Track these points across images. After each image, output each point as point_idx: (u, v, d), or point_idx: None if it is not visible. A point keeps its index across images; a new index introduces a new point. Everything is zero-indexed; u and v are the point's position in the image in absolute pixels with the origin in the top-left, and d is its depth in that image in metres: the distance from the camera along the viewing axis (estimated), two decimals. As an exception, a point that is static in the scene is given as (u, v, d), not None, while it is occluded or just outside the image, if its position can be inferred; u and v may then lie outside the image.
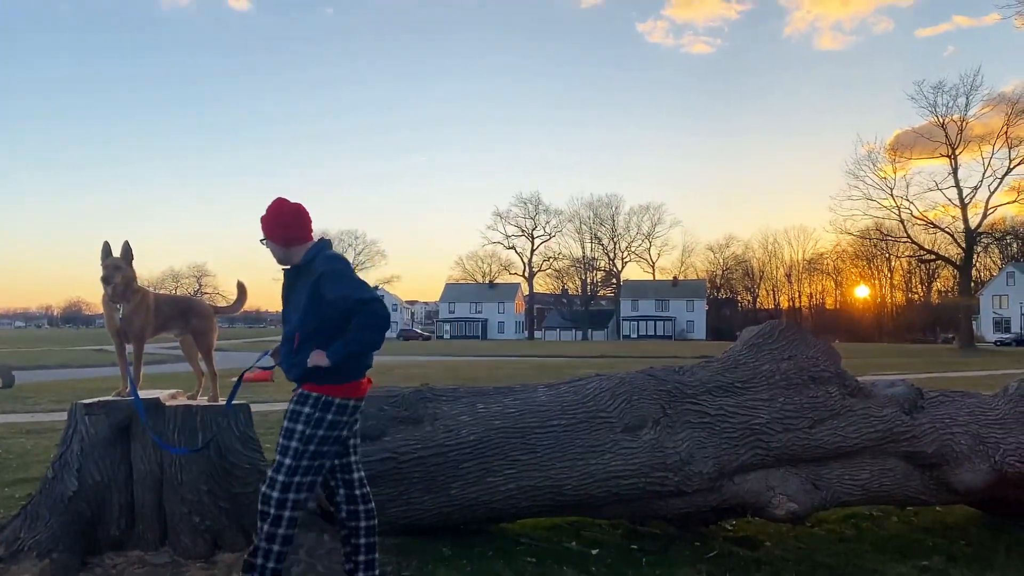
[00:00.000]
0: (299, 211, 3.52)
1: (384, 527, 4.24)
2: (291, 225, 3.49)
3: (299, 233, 3.50)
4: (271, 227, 3.49)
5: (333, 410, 3.32)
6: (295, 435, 3.32)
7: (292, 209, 3.51)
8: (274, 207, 3.50)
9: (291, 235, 3.49)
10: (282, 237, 3.48)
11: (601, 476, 4.38)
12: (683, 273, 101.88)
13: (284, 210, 3.49)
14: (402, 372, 22.13)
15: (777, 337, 4.95)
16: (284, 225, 3.48)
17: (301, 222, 3.52)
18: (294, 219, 3.50)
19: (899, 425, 4.78)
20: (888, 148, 55.51)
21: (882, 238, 61.93)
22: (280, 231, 3.48)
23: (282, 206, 3.50)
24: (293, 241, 3.49)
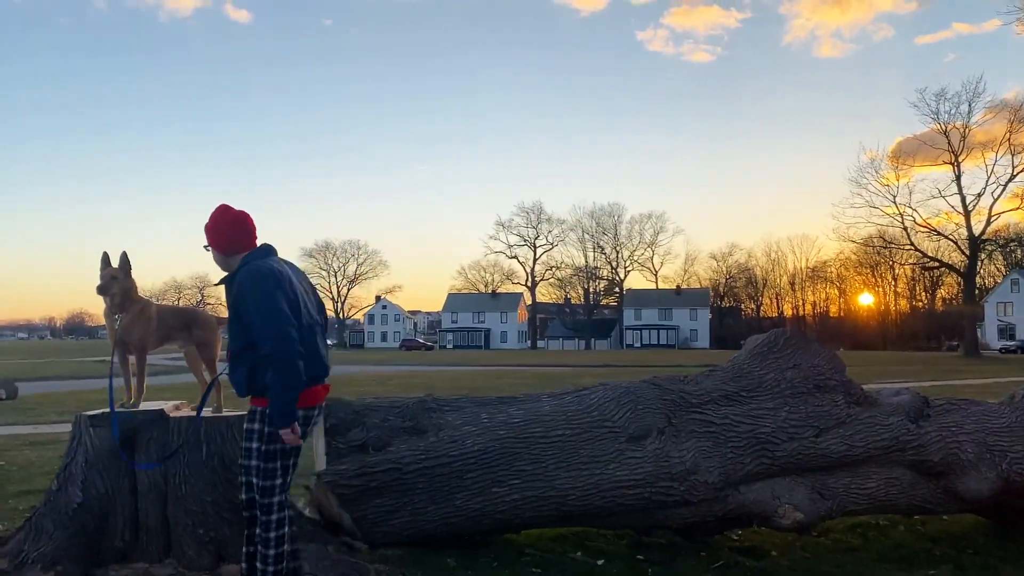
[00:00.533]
0: (240, 218, 3.49)
1: (389, 538, 4.24)
2: (230, 233, 3.46)
3: (239, 242, 3.46)
4: (211, 233, 3.47)
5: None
6: (252, 454, 3.32)
7: (234, 216, 3.48)
8: (216, 213, 3.49)
9: (230, 243, 3.46)
10: (221, 244, 3.47)
11: (606, 486, 4.37)
12: (686, 282, 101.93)
13: (226, 217, 3.48)
14: (404, 382, 22.11)
15: (782, 346, 4.94)
16: (221, 232, 3.46)
17: (242, 230, 3.48)
18: (233, 227, 3.47)
19: (905, 434, 4.77)
20: (890, 155, 55.49)
21: (885, 246, 61.81)
22: (219, 238, 3.47)
23: (225, 213, 3.48)
24: (232, 249, 3.46)
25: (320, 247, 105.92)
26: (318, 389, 3.41)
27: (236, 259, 3.44)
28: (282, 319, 3.18)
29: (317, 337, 3.41)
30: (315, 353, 3.36)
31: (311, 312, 3.43)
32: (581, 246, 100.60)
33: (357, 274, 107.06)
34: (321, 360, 3.40)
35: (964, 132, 51.33)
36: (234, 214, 3.48)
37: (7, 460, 7.79)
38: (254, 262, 3.35)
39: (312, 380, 3.34)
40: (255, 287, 3.23)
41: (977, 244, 53.57)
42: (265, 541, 3.33)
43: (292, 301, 3.29)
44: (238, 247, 3.46)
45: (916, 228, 54.21)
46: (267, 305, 3.19)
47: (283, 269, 3.38)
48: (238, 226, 3.47)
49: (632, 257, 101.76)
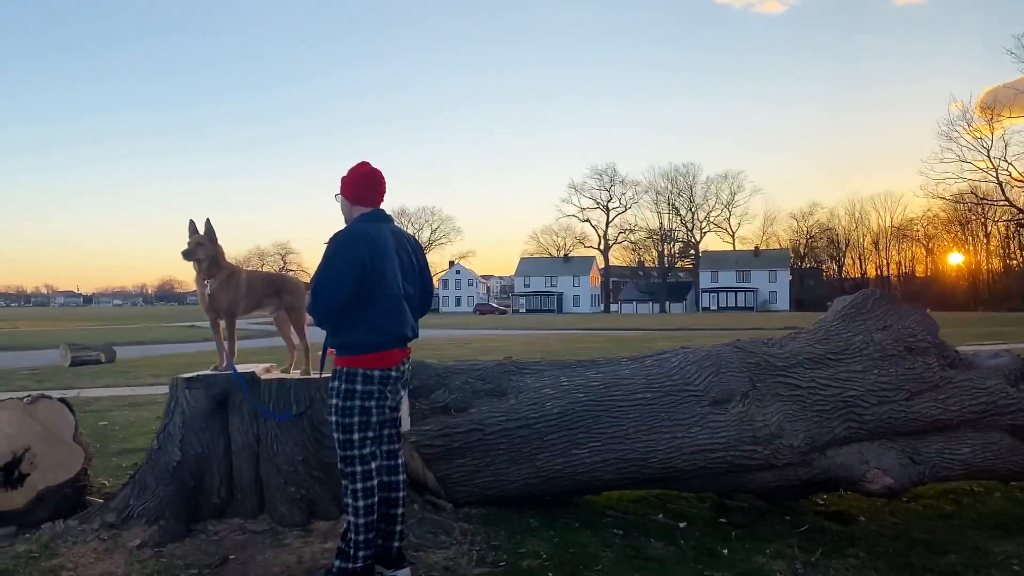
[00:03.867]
0: (372, 174, 3.63)
1: (472, 497, 4.32)
2: (359, 184, 3.61)
3: (364, 196, 3.61)
4: (344, 182, 3.64)
5: (359, 380, 3.40)
6: (330, 409, 3.45)
7: (368, 171, 3.64)
8: (355, 166, 3.65)
9: (356, 194, 3.61)
10: (348, 192, 3.62)
11: (688, 449, 4.33)
12: (765, 243, 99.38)
13: (361, 170, 3.63)
14: (480, 346, 22.35)
15: (871, 307, 4.77)
16: (352, 182, 3.61)
17: (369, 185, 3.62)
18: (363, 179, 3.62)
19: (1004, 397, 4.57)
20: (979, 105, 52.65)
21: (978, 202, 59.09)
22: (348, 187, 3.62)
23: (362, 166, 3.64)
24: (356, 201, 3.62)
25: (396, 213, 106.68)
26: (395, 352, 3.48)
27: (357, 211, 3.61)
28: (331, 284, 3.35)
29: (398, 304, 3.48)
30: (396, 318, 3.45)
31: (400, 283, 3.51)
32: (655, 208, 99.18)
33: (431, 240, 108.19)
34: (400, 325, 3.48)
35: (1067, 79, 48.21)
36: (369, 169, 3.64)
37: (109, 420, 8.23)
38: (360, 224, 3.50)
39: (385, 344, 3.44)
40: (331, 248, 3.40)
41: (1079, 199, 50.54)
42: (354, 509, 3.37)
43: (376, 266, 3.37)
44: (361, 201, 3.61)
45: (1011, 182, 51.54)
46: (332, 265, 3.37)
47: (383, 236, 3.48)
48: (369, 180, 3.62)
49: (708, 218, 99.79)
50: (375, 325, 3.42)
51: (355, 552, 3.35)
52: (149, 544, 3.75)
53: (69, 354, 16.12)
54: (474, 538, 3.94)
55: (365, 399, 3.40)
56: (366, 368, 3.41)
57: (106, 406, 9.45)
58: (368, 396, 3.41)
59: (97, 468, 5.27)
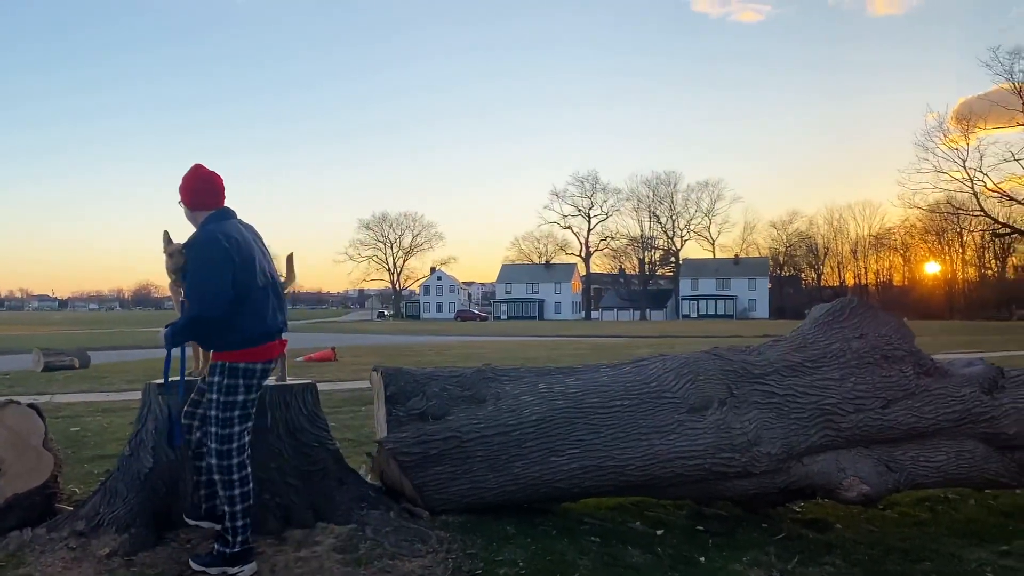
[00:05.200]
0: (209, 177, 3.67)
1: (449, 504, 4.28)
2: (197, 190, 3.65)
3: (205, 200, 3.65)
4: (181, 189, 3.67)
5: (241, 375, 3.52)
6: (212, 405, 3.53)
7: (204, 174, 3.68)
8: (189, 171, 3.69)
9: (196, 199, 3.65)
10: (188, 200, 3.66)
11: (665, 457, 4.33)
12: (745, 251, 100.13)
13: (197, 175, 3.67)
14: (460, 352, 22.29)
15: (848, 315, 4.80)
16: (189, 189, 3.65)
17: (209, 189, 3.67)
18: (201, 183, 3.67)
19: (978, 405, 4.60)
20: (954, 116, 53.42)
21: (954, 212, 59.66)
22: (186, 194, 3.66)
23: (196, 171, 3.69)
24: (197, 206, 3.65)
25: (377, 219, 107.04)
26: (274, 344, 3.63)
27: (200, 216, 3.64)
28: (213, 288, 3.41)
29: (271, 295, 3.63)
30: (271, 310, 3.61)
31: (267, 272, 3.64)
32: (636, 215, 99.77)
33: (413, 246, 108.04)
34: (276, 316, 3.63)
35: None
36: (204, 172, 3.70)
37: (82, 426, 8.11)
38: (210, 226, 3.55)
39: (267, 336, 3.59)
40: (201, 251, 3.49)
41: (1052, 209, 51.29)
42: (231, 498, 3.53)
43: (245, 261, 3.50)
44: (203, 205, 3.65)
45: (986, 193, 52.18)
46: (206, 269, 3.44)
47: (237, 232, 3.58)
48: (206, 184, 3.67)
49: (689, 226, 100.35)
50: (254, 318, 3.53)
51: (234, 537, 3.53)
52: (119, 553, 3.68)
53: (42, 359, 15.88)
54: (451, 546, 3.91)
55: (247, 392, 3.55)
56: (248, 362, 3.52)
57: (79, 412, 9.32)
58: (249, 390, 3.55)
59: (68, 475, 5.19)
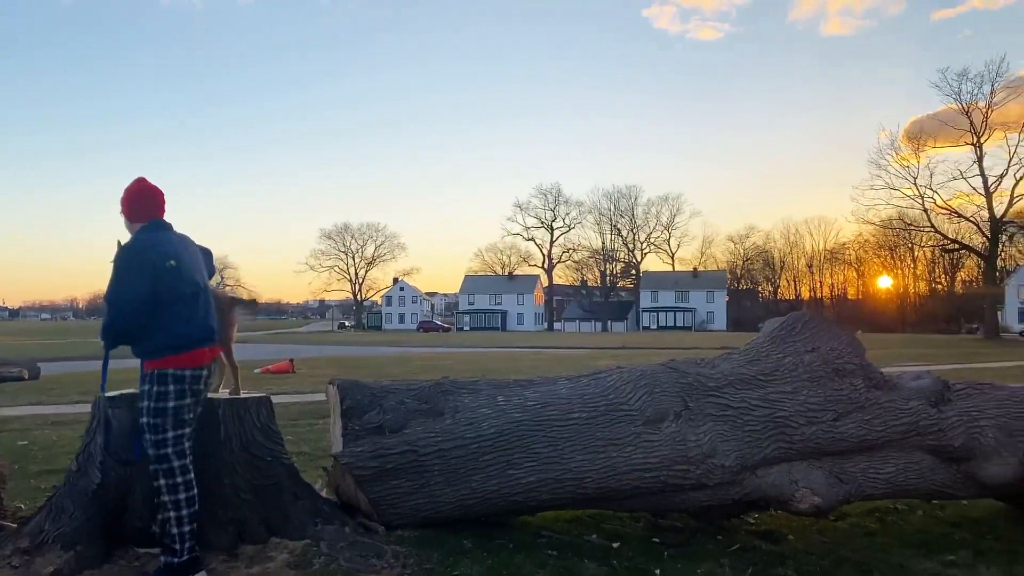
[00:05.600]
0: (149, 191, 3.79)
1: (405, 519, 4.25)
2: (137, 203, 3.77)
3: (144, 212, 3.75)
4: (123, 202, 3.78)
5: (170, 381, 3.58)
6: (143, 412, 3.61)
7: (144, 188, 3.79)
8: (131, 184, 3.81)
9: (135, 212, 3.75)
10: (129, 213, 3.76)
11: (622, 469, 4.35)
12: (703, 264, 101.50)
13: (137, 188, 3.78)
14: (422, 363, 22.19)
15: (800, 329, 4.89)
16: (131, 202, 3.77)
17: (148, 203, 3.78)
18: (141, 197, 3.78)
19: (925, 418, 4.71)
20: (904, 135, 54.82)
21: (905, 228, 61.16)
22: (127, 207, 3.76)
23: (137, 184, 3.80)
24: (138, 218, 3.75)
25: (339, 229, 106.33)
26: (203, 351, 3.71)
27: (136, 228, 3.74)
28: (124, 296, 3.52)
29: (200, 302, 3.72)
30: (199, 317, 3.70)
31: (197, 280, 3.73)
32: (598, 228, 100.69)
33: (375, 256, 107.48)
34: (204, 323, 3.73)
35: (986, 113, 50.56)
36: (147, 186, 3.81)
37: (30, 440, 7.90)
38: (139, 235, 3.66)
39: (195, 342, 3.66)
40: (120, 260, 3.57)
41: (998, 226, 52.85)
42: (176, 503, 3.56)
43: (170, 270, 3.57)
44: (140, 217, 3.74)
45: (936, 210, 53.57)
46: (120, 279, 3.54)
47: (167, 240, 3.68)
48: (146, 197, 3.78)
49: (649, 239, 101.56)
50: (181, 324, 3.60)
51: (181, 545, 3.55)
52: (64, 571, 3.58)
53: (-11, 370, 15.45)
54: (406, 561, 3.88)
55: (178, 399, 3.58)
56: (176, 368, 3.58)
57: (27, 425, 9.07)
58: (181, 395, 3.59)
59: (13, 490, 5.05)
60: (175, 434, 3.60)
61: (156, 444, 3.58)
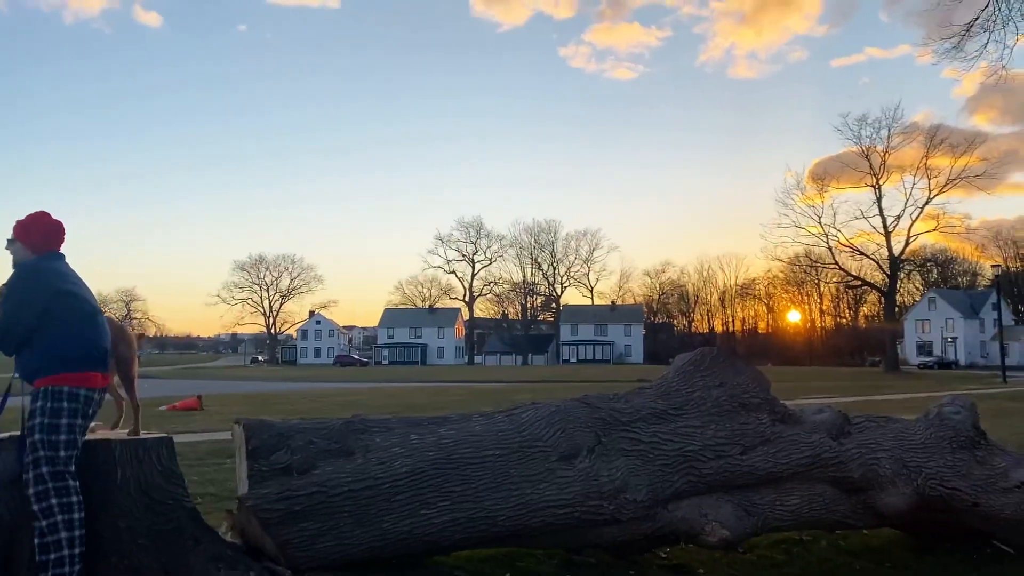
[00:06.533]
0: (58, 225, 3.87)
1: (315, 562, 4.12)
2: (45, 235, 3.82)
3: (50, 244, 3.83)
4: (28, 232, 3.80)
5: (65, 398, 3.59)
6: (35, 429, 3.55)
7: (53, 222, 3.86)
8: (37, 217, 3.84)
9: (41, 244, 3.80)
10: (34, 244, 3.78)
11: (536, 506, 4.34)
12: (621, 298, 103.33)
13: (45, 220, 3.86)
14: (338, 399, 21.76)
15: (708, 364, 5.01)
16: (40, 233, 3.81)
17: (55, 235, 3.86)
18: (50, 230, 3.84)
19: (827, 451, 4.88)
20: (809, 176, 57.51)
21: (811, 264, 63.80)
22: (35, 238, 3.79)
23: (43, 217, 3.84)
24: (41, 250, 3.79)
25: (253, 261, 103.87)
26: (97, 375, 3.75)
27: (20, 252, 3.79)
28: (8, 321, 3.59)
29: (97, 324, 3.80)
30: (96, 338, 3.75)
31: (93, 303, 3.84)
32: (519, 262, 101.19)
33: (291, 288, 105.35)
34: (99, 345, 3.77)
35: (884, 156, 53.54)
36: (48, 219, 3.86)
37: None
38: (33, 260, 3.73)
39: (90, 362, 3.69)
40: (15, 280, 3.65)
41: (897, 264, 55.81)
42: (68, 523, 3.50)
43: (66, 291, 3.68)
44: (44, 249, 3.79)
45: (840, 248, 56.19)
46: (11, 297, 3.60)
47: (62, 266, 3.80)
48: (53, 230, 3.85)
49: (568, 273, 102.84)
50: (76, 342, 3.64)
51: (71, 568, 3.49)
52: (-61, 629, 3.34)
53: None
54: (314, 606, 3.76)
55: (71, 417, 3.57)
56: (71, 386, 3.59)
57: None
58: (74, 414, 3.58)
59: None
60: (67, 454, 3.57)
61: (50, 460, 3.52)
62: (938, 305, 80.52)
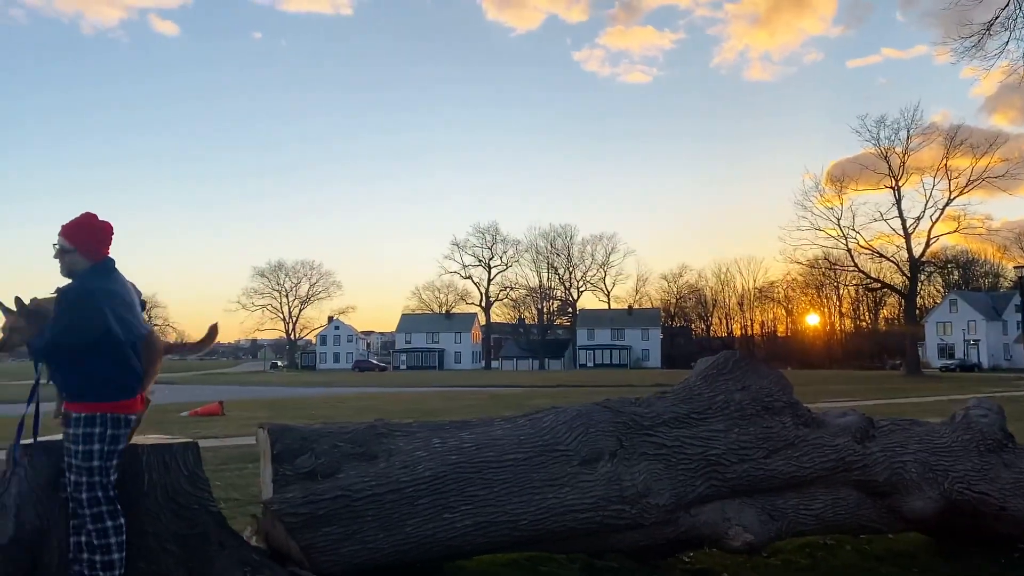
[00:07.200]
0: (108, 227, 3.72)
1: (338, 567, 4.14)
2: (99, 239, 3.68)
3: (103, 249, 3.69)
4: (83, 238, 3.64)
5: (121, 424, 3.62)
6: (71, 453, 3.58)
7: (102, 224, 3.70)
8: (88, 220, 3.68)
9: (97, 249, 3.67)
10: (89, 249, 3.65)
11: (558, 510, 4.34)
12: (638, 302, 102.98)
13: (96, 223, 3.69)
14: (357, 404, 21.84)
15: (731, 368, 4.99)
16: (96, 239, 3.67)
17: (104, 238, 3.70)
18: (103, 234, 3.71)
19: (851, 454, 4.85)
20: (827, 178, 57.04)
21: (830, 267, 63.26)
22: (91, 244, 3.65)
23: (94, 219, 3.69)
24: (96, 255, 3.67)
25: (272, 267, 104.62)
26: (138, 399, 3.73)
27: (84, 263, 3.63)
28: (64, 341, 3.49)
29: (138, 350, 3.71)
30: (137, 365, 3.69)
31: (141, 330, 3.74)
32: (535, 267, 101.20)
33: (310, 294, 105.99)
34: (138, 371, 3.71)
35: (904, 157, 53.07)
36: (102, 222, 3.70)
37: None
38: (93, 278, 3.60)
39: (133, 390, 3.68)
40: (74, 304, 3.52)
41: (917, 266, 55.22)
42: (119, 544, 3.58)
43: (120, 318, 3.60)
44: (96, 254, 3.67)
45: (859, 250, 55.68)
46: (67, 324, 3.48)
47: (122, 285, 3.69)
48: (102, 234, 3.70)
49: (585, 278, 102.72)
50: (120, 369, 3.60)
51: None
52: (-29, 632, 3.38)
53: None
54: (339, 610, 3.78)
55: (112, 444, 3.60)
56: (125, 413, 3.62)
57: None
58: (115, 440, 3.61)
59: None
60: (115, 478, 3.63)
61: (103, 486, 3.57)
62: (960, 307, 79.68)
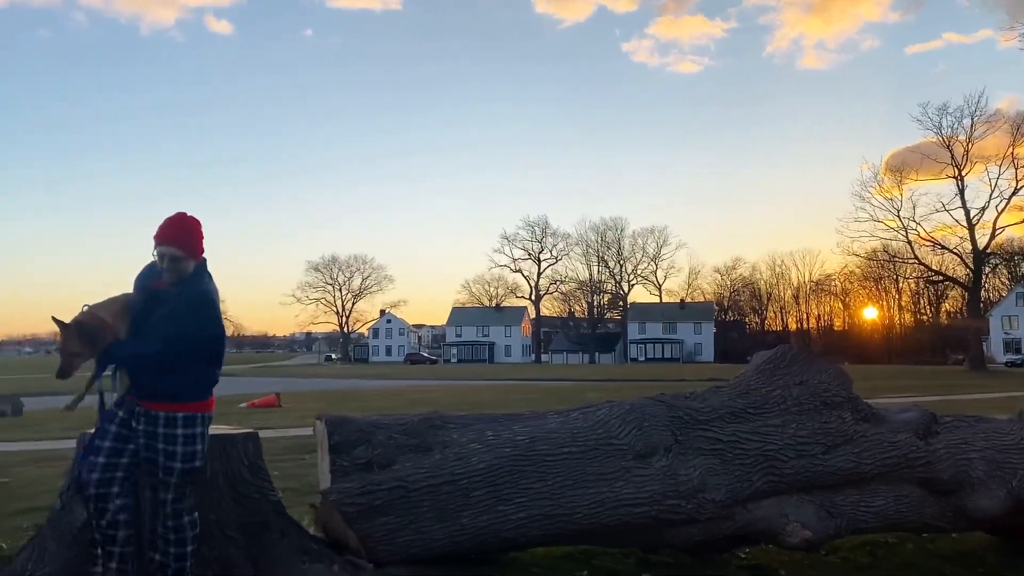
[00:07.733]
0: (199, 225, 3.67)
1: (395, 556, 4.21)
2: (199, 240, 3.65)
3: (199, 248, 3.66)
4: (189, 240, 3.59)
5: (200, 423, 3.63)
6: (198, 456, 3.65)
7: (194, 222, 3.65)
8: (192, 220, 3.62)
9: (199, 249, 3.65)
10: (198, 250, 3.64)
11: (612, 504, 4.33)
12: (690, 295, 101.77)
13: (196, 224, 3.64)
14: (410, 397, 22.08)
15: (788, 362, 4.91)
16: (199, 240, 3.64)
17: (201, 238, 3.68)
18: (197, 231, 3.64)
19: (914, 451, 4.73)
20: (885, 168, 55.52)
21: (889, 259, 61.65)
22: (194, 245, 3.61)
23: (194, 220, 3.64)
24: (197, 254, 3.65)
25: (326, 261, 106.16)
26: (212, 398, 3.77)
27: (190, 266, 3.60)
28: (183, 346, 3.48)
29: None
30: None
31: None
32: (585, 260, 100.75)
33: (362, 288, 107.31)
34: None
35: (967, 146, 51.36)
36: (197, 220, 3.67)
37: (11, 477, 7.78)
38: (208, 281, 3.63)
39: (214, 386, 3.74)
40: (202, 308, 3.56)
41: (981, 258, 53.43)
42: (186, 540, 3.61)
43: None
44: (199, 254, 3.66)
45: (919, 242, 54.13)
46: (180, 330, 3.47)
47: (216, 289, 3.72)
48: (201, 233, 3.69)
49: (636, 271, 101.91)
50: (213, 369, 3.70)
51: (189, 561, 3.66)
52: (47, 612, 3.52)
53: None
54: (395, 599, 3.83)
55: (204, 443, 3.69)
56: (207, 412, 3.70)
57: (8, 462, 8.94)
58: (205, 440, 3.69)
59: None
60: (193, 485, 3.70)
61: (181, 486, 3.62)
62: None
